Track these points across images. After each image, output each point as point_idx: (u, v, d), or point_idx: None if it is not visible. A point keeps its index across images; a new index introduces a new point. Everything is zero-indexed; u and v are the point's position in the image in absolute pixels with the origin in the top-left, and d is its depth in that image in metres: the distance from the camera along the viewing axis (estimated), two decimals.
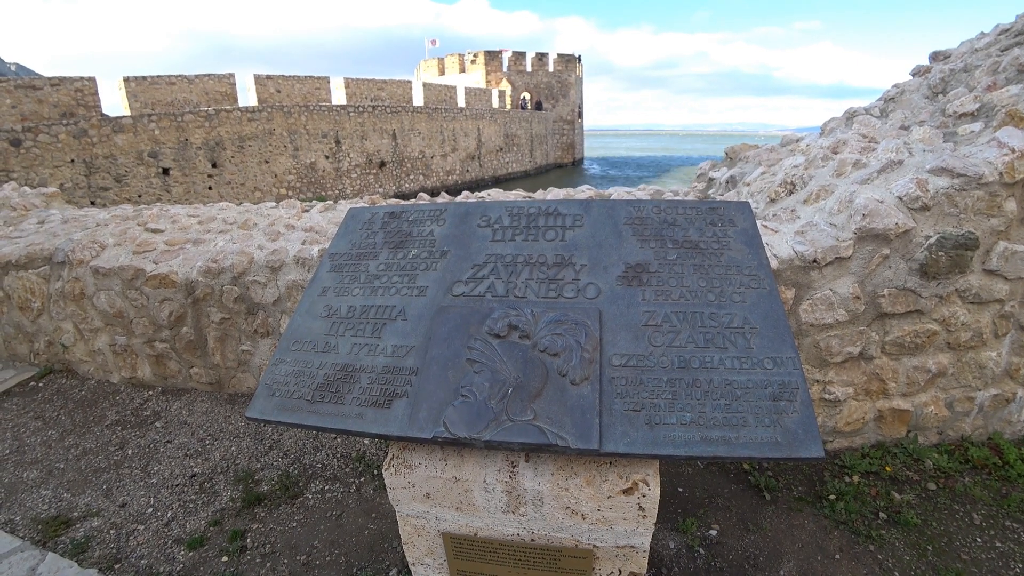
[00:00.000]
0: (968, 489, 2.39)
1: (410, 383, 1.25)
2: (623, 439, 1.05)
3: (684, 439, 1.04)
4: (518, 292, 1.32)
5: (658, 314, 1.22)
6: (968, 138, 2.62)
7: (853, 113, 3.52)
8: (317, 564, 2.27)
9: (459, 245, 1.49)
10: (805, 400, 1.08)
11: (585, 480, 1.16)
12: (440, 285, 1.41)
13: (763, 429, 1.04)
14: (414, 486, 1.31)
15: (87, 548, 2.45)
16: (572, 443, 1.05)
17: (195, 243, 3.59)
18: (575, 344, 1.16)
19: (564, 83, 39.14)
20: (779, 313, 1.22)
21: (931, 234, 2.32)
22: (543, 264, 1.37)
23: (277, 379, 1.41)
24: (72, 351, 3.81)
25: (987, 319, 2.45)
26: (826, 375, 2.54)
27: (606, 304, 1.26)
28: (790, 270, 2.39)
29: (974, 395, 2.59)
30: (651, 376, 1.13)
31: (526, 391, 1.13)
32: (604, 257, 1.35)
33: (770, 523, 2.26)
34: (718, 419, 1.06)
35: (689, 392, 1.10)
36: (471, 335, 1.26)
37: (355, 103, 22.57)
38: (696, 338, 1.18)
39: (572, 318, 1.21)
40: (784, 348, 1.16)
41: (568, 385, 1.12)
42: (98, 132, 14.00)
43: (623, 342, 1.18)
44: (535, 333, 1.21)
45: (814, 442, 1.02)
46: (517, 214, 1.51)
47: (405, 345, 1.33)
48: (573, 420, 1.08)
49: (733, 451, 1.01)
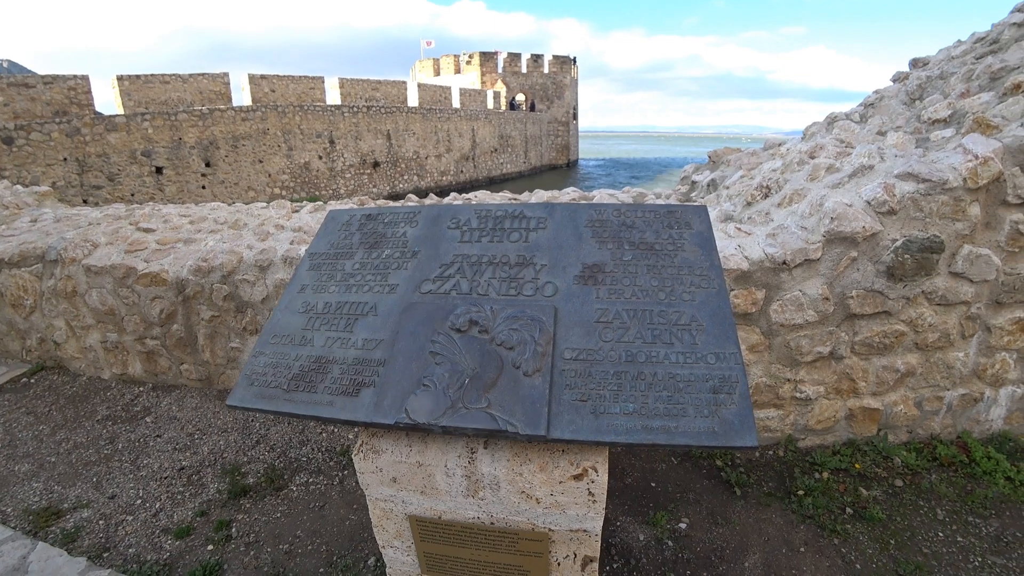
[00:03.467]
0: (934, 486, 2.45)
1: (377, 374, 1.32)
2: (569, 427, 1.12)
3: (626, 427, 1.11)
4: (481, 290, 1.39)
5: (610, 311, 1.29)
6: (939, 144, 2.69)
7: (834, 118, 3.59)
8: (299, 553, 2.33)
9: (429, 246, 1.56)
10: (743, 393, 1.14)
11: (538, 466, 1.23)
12: (410, 283, 1.48)
13: (702, 419, 1.11)
14: (381, 470, 1.38)
15: (77, 537, 2.52)
16: (521, 429, 1.12)
17: (186, 242, 3.66)
18: (529, 338, 1.23)
19: (559, 84, 39.29)
20: (726, 311, 1.29)
21: (898, 237, 2.40)
22: (506, 264, 1.44)
23: (256, 370, 1.48)
24: (64, 348, 3.87)
25: (954, 320, 2.52)
26: (797, 374, 2.61)
27: (562, 302, 1.33)
28: (761, 271, 2.46)
29: (943, 394, 2.66)
30: (599, 369, 1.20)
31: (482, 381, 1.20)
32: (564, 258, 1.43)
33: (739, 517, 2.33)
34: (660, 409, 1.13)
35: (634, 384, 1.17)
36: (435, 330, 1.33)
37: (350, 103, 22.66)
38: (644, 334, 1.25)
39: (528, 314, 1.28)
40: (728, 344, 1.23)
41: (521, 376, 1.19)
42: (91, 130, 14.04)
43: (575, 337, 1.25)
44: (493, 328, 1.28)
45: (749, 432, 1.09)
46: (485, 216, 1.58)
47: (374, 339, 1.40)
48: (524, 409, 1.15)
49: (672, 439, 1.08)
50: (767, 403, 2.69)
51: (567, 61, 39.63)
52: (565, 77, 39.41)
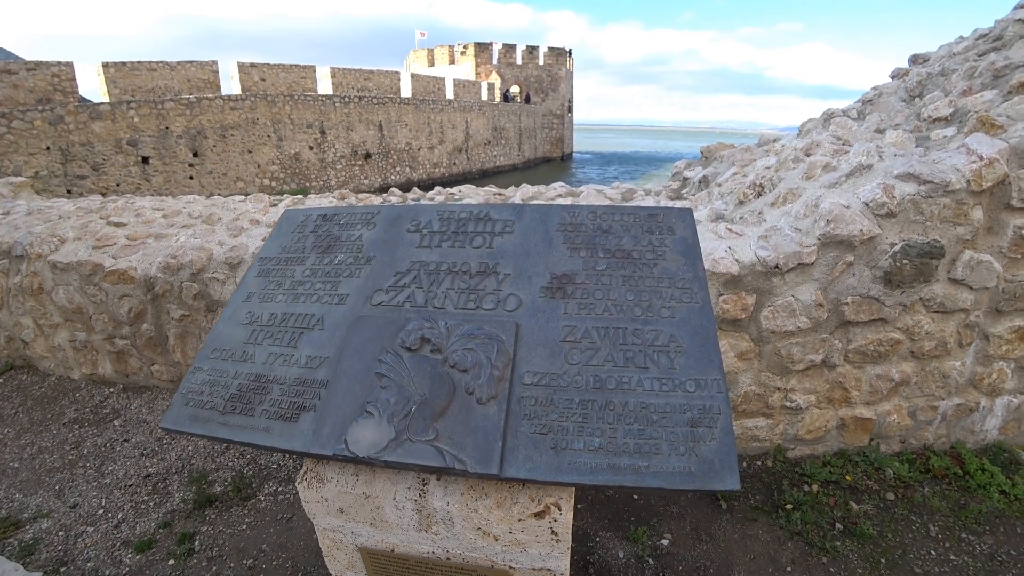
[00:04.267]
0: (927, 499, 2.36)
1: (319, 396, 1.19)
2: (526, 464, 1.00)
3: (590, 466, 0.98)
4: (437, 302, 1.26)
5: (579, 329, 1.16)
6: (940, 143, 2.57)
7: (831, 114, 3.46)
8: (263, 568, 2.22)
9: (385, 251, 1.43)
10: (726, 427, 1.02)
11: (495, 502, 1.11)
12: (361, 293, 1.35)
13: (677, 458, 0.98)
14: (327, 500, 1.26)
15: (35, 550, 2.40)
16: (471, 467, 1.00)
17: (157, 238, 3.51)
18: (485, 360, 1.10)
19: (554, 77, 38.83)
20: (710, 331, 1.17)
21: (896, 241, 2.28)
22: (466, 273, 1.31)
23: (192, 388, 1.36)
24: (32, 347, 3.73)
25: (952, 329, 2.41)
26: (787, 383, 2.50)
27: (525, 317, 1.20)
28: (752, 275, 2.34)
29: (937, 404, 2.56)
30: (563, 396, 1.07)
31: (431, 409, 1.07)
32: (530, 266, 1.29)
33: (724, 533, 2.23)
34: (629, 445, 1.00)
35: (601, 415, 1.04)
36: (384, 347, 1.20)
37: (341, 93, 22.21)
38: (616, 356, 1.12)
39: (486, 332, 1.15)
40: (710, 369, 1.10)
41: (474, 404, 1.07)
42: (75, 119, 13.63)
43: (538, 359, 1.13)
44: (447, 347, 1.15)
45: (730, 473, 0.96)
46: (447, 219, 1.44)
47: (319, 356, 1.27)
48: (475, 442, 1.02)
49: (641, 481, 0.96)
50: (756, 412, 2.58)
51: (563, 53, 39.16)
52: (561, 69, 38.95)
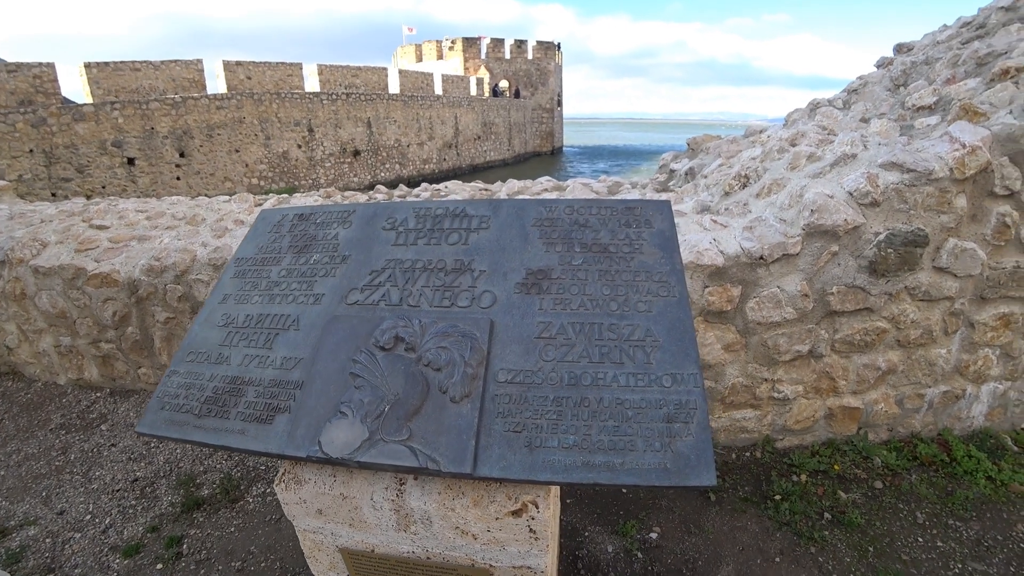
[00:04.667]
0: (914, 487, 2.37)
1: (293, 397, 1.18)
2: (499, 463, 0.98)
3: (564, 464, 0.97)
4: (412, 300, 1.24)
5: (554, 325, 1.15)
6: (924, 132, 2.57)
7: (816, 104, 3.45)
8: (251, 570, 2.21)
9: (361, 249, 1.41)
10: (702, 422, 1.01)
11: (472, 500, 1.10)
12: (336, 293, 1.33)
13: (652, 454, 0.97)
14: (305, 502, 1.24)
15: (21, 558, 2.38)
16: (444, 466, 0.98)
17: (140, 240, 3.47)
18: (459, 358, 1.09)
19: (543, 71, 38.63)
20: (686, 324, 1.15)
21: (881, 230, 2.28)
22: (441, 270, 1.29)
23: (168, 391, 1.34)
24: (17, 353, 3.69)
25: (937, 317, 2.42)
26: (775, 373, 2.51)
27: (500, 314, 1.18)
28: (736, 267, 2.33)
29: (924, 392, 2.57)
30: (537, 394, 1.06)
31: (404, 408, 1.06)
32: (506, 262, 1.28)
33: (712, 525, 2.23)
34: (603, 442, 0.99)
35: (576, 412, 1.03)
36: (358, 347, 1.18)
37: (329, 90, 21.96)
38: (591, 352, 1.10)
39: (460, 330, 1.14)
40: (686, 364, 1.09)
41: (448, 402, 1.05)
42: (57, 120, 13.43)
43: (512, 356, 1.11)
44: (421, 346, 1.14)
45: (707, 469, 0.95)
46: (423, 216, 1.42)
47: (294, 357, 1.25)
48: (448, 441, 1.01)
49: (616, 478, 0.95)
50: (744, 403, 2.58)
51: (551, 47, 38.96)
52: (549, 63, 38.75)
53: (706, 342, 2.47)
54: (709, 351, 2.48)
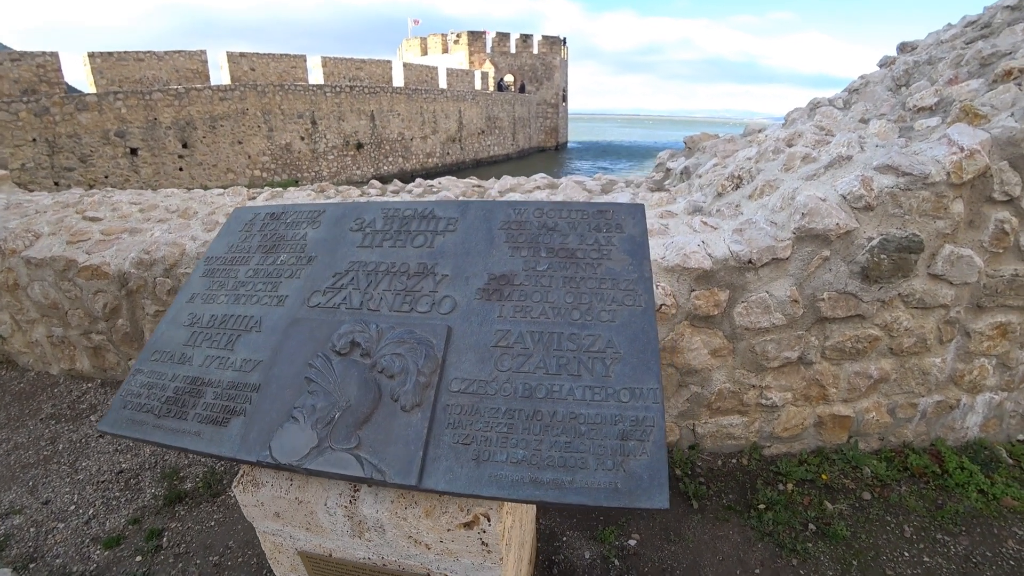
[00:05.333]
0: (903, 499, 2.32)
1: (250, 400, 1.16)
2: (445, 476, 0.96)
3: (511, 479, 0.94)
4: (372, 304, 1.22)
5: (512, 333, 1.12)
6: (923, 134, 2.50)
7: (817, 104, 3.38)
8: (228, 565, 2.21)
9: (327, 251, 1.38)
10: (658, 441, 0.97)
11: (424, 511, 1.07)
12: (299, 295, 1.31)
13: (603, 472, 0.94)
14: (263, 505, 1.23)
15: (5, 547, 2.40)
16: (390, 477, 0.96)
17: (132, 232, 3.47)
18: (412, 366, 1.06)
19: (548, 66, 38.28)
20: (650, 336, 1.11)
21: (874, 236, 2.22)
22: (404, 273, 1.26)
23: (132, 390, 1.32)
24: (11, 342, 3.71)
25: (932, 325, 2.36)
26: (763, 380, 2.46)
27: (459, 320, 1.15)
28: (725, 271, 2.29)
29: (917, 401, 2.51)
30: (489, 405, 1.03)
31: (355, 416, 1.03)
32: (469, 266, 1.24)
33: (693, 533, 2.20)
34: (553, 458, 0.96)
35: (527, 426, 1.00)
36: (315, 351, 1.16)
37: (332, 83, 21.83)
38: (548, 363, 1.07)
39: (417, 336, 1.11)
40: (647, 378, 1.05)
41: (399, 411, 1.03)
42: (61, 110, 13.41)
43: (467, 364, 1.08)
44: (376, 352, 1.11)
45: (659, 491, 0.91)
46: (391, 216, 1.39)
47: (253, 359, 1.23)
48: (396, 451, 0.98)
49: (563, 497, 0.91)
50: (731, 410, 2.54)
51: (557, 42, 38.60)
52: (555, 58, 38.40)
53: (692, 347, 2.43)
54: (695, 356, 2.44)
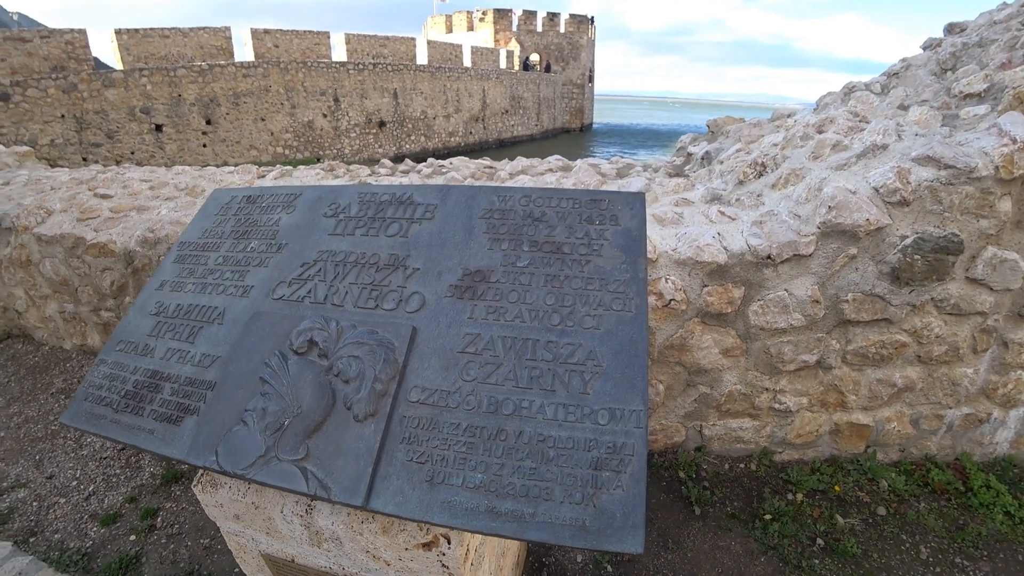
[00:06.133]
0: (922, 517, 2.16)
1: (204, 399, 1.09)
2: (395, 497, 0.86)
3: (466, 507, 0.84)
4: (337, 299, 1.12)
5: (483, 338, 1.01)
6: (970, 123, 2.26)
7: (852, 88, 3.12)
8: (218, 549, 2.20)
9: (298, 238, 1.29)
10: (637, 473, 0.84)
11: (381, 527, 0.99)
12: (265, 285, 1.23)
13: (570, 506, 0.82)
14: (222, 506, 1.17)
15: (8, 519, 2.45)
16: (336, 495, 0.87)
17: (140, 210, 3.46)
18: (370, 371, 0.97)
19: (575, 45, 37.21)
20: (638, 347, 0.98)
21: (908, 234, 2.02)
22: (374, 265, 1.16)
23: (94, 382, 1.27)
24: (26, 317, 3.79)
25: (966, 333, 2.16)
26: (777, 383, 2.31)
27: (425, 320, 1.05)
28: (741, 266, 2.13)
29: (943, 413, 2.33)
30: (450, 419, 0.92)
31: (305, 423, 0.95)
32: (443, 259, 1.13)
33: (693, 542, 2.09)
34: (515, 486, 0.85)
35: (488, 446, 0.89)
36: (273, 348, 1.08)
37: (356, 60, 21.64)
38: (519, 374, 0.96)
39: (377, 337, 1.01)
40: (630, 397, 0.92)
41: (351, 421, 0.94)
42: (88, 87, 13.61)
43: (430, 371, 0.98)
44: (333, 353, 1.02)
45: (633, 532, 0.79)
46: (367, 202, 1.29)
47: (212, 354, 1.16)
48: (345, 466, 0.90)
49: (522, 532, 0.81)
50: (741, 412, 2.40)
51: (584, 21, 37.46)
52: (582, 38, 37.32)
53: (703, 345, 2.29)
54: (705, 355, 2.30)
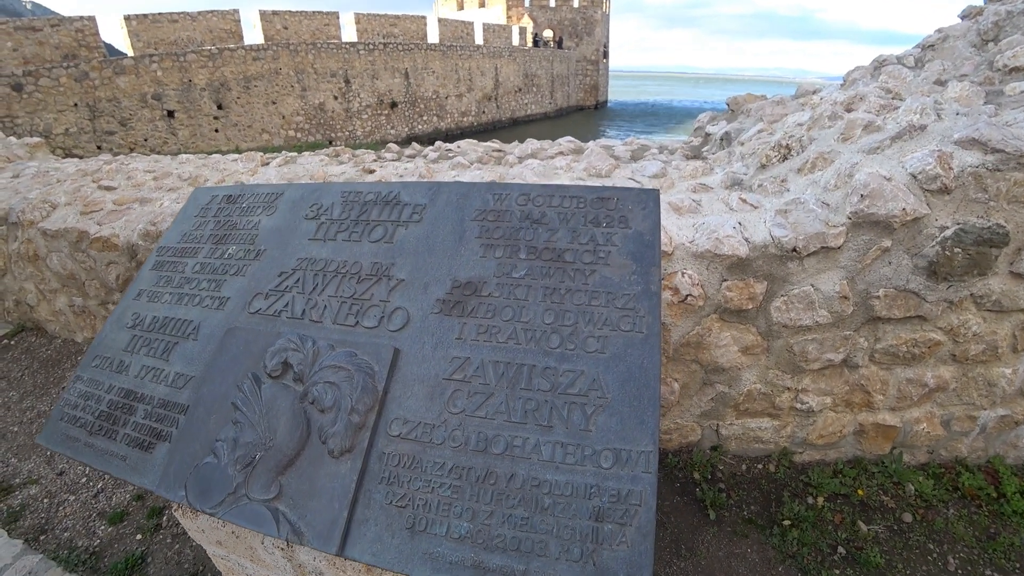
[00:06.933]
0: (950, 524, 2.04)
1: (177, 424, 1.01)
2: (372, 546, 0.78)
3: (450, 560, 0.75)
4: (315, 314, 1.03)
5: (472, 362, 0.90)
6: (1016, 100, 2.05)
7: (883, 62, 2.88)
8: None
9: (278, 243, 1.19)
10: (644, 527, 0.73)
11: (365, 567, 0.91)
12: (241, 297, 1.14)
13: (567, 564, 0.72)
14: (204, 532, 1.11)
15: (20, 516, 2.47)
16: (308, 540, 0.79)
17: (143, 202, 3.41)
18: (346, 400, 0.88)
19: (589, 20, 36.04)
20: (650, 375, 0.85)
21: (948, 224, 1.85)
22: (355, 276, 1.06)
23: (70, 401, 1.21)
24: (38, 310, 3.80)
25: (1006, 331, 2.00)
26: (800, 383, 2.18)
27: (409, 340, 0.95)
28: (763, 259, 1.98)
29: (977, 414, 2.18)
30: (434, 457, 0.83)
31: (278, 458, 0.87)
32: (431, 268, 1.03)
33: (707, 549, 2.00)
34: (504, 538, 0.75)
35: (476, 490, 0.79)
36: (247, 369, 0.99)
37: (366, 40, 21.27)
38: (512, 406, 0.85)
39: (356, 361, 0.92)
40: (639, 436, 0.79)
41: (326, 456, 0.85)
42: (99, 74, 13.58)
43: (413, 401, 0.88)
44: (309, 377, 0.93)
45: None
46: (351, 202, 1.18)
47: (186, 374, 1.08)
48: (319, 507, 0.81)
49: None
50: (760, 412, 2.29)
51: None
52: (596, 12, 36.12)
53: (721, 343, 2.16)
54: (723, 353, 2.17)
